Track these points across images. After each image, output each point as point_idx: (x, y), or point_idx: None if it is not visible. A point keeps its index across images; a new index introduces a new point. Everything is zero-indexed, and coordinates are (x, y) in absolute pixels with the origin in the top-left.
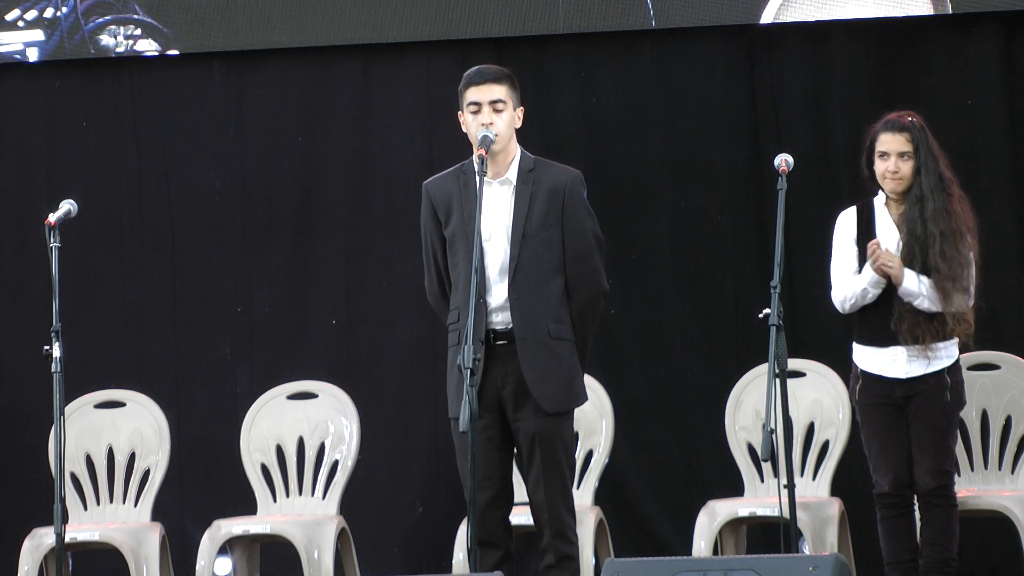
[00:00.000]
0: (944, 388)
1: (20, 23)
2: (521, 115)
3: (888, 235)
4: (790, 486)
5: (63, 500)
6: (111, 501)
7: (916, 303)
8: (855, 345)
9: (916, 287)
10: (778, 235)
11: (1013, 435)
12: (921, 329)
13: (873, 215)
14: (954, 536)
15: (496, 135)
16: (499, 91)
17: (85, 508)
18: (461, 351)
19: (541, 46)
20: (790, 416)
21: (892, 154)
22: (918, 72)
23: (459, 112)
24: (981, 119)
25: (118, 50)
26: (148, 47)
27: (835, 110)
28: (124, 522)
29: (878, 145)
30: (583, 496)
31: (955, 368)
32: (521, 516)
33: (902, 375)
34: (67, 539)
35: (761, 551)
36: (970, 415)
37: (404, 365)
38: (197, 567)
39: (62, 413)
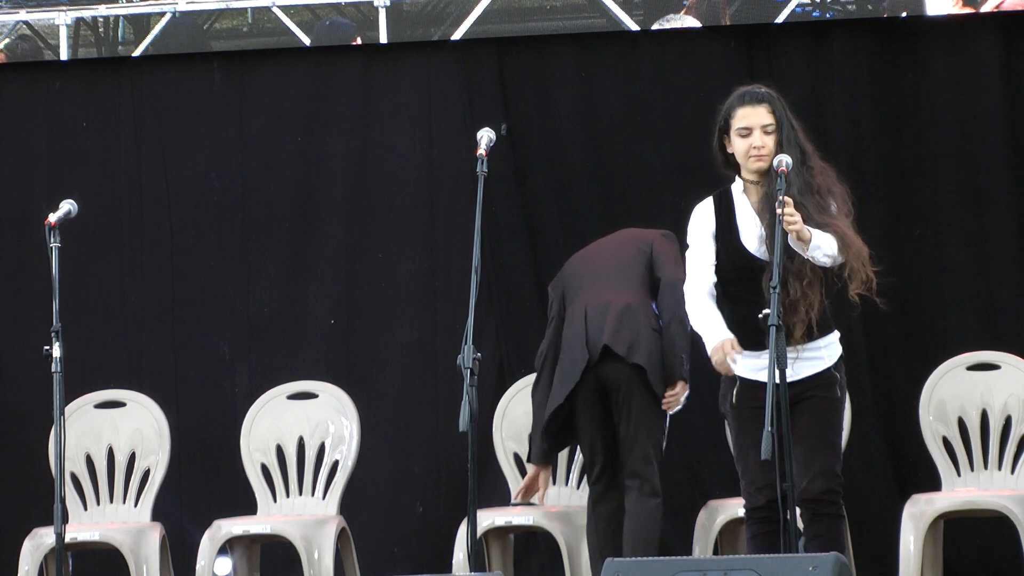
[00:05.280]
0: (833, 383)
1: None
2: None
3: (748, 224)
4: (790, 486)
5: (63, 500)
6: (111, 501)
7: (825, 251)
8: None
9: (821, 237)
10: (777, 235)
11: (1013, 435)
12: (808, 322)
13: (732, 205)
14: (845, 550)
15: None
16: None
17: (85, 508)
18: (462, 351)
19: (541, 46)
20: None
21: (755, 128)
22: (918, 72)
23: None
24: (981, 119)
25: (120, 49)
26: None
27: (835, 110)
28: (124, 522)
29: (735, 122)
30: (583, 496)
31: (840, 364)
32: (521, 516)
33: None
34: (67, 539)
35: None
36: (970, 415)
37: (404, 365)
38: (197, 567)
39: (62, 413)
